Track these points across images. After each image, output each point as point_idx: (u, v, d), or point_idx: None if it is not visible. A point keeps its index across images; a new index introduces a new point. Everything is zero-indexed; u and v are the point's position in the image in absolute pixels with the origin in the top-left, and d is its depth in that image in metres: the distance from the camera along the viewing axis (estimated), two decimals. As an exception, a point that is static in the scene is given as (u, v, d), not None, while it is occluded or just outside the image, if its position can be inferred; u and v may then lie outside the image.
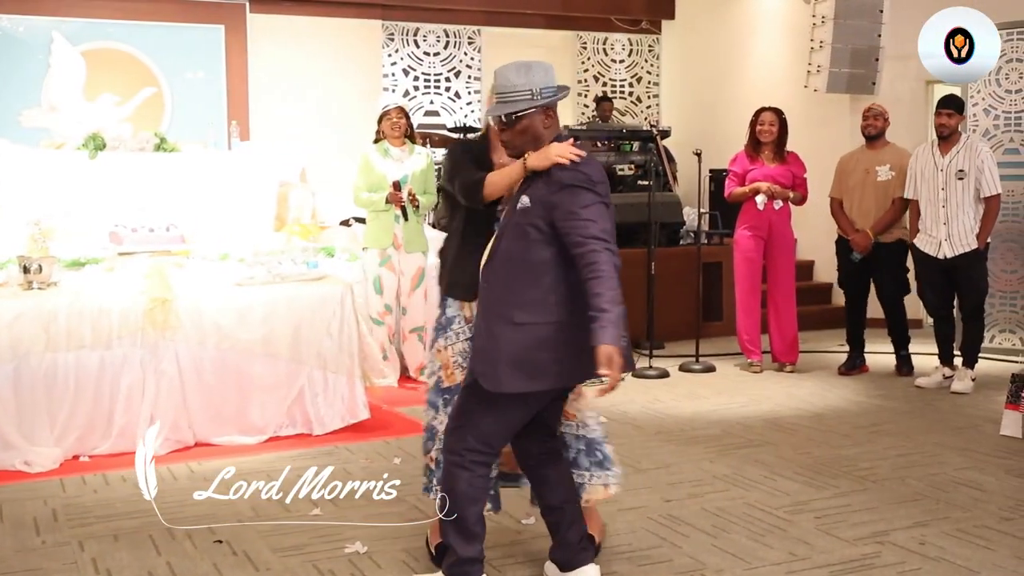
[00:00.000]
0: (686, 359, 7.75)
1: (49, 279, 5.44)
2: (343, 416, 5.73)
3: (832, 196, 7.45)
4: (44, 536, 4.10)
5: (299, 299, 5.68)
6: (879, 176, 7.17)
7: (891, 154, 7.22)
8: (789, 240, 7.56)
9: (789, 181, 7.39)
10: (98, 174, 6.63)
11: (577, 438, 3.73)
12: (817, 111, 9.79)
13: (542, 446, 3.52)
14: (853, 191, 7.28)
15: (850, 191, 7.31)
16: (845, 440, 5.55)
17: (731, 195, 7.56)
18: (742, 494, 4.58)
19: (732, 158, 7.63)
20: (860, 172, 7.26)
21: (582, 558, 3.46)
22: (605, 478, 3.71)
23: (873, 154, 7.26)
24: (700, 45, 12.08)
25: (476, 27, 11.89)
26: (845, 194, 7.34)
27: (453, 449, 3.35)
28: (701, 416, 6.15)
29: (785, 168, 7.40)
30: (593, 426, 3.77)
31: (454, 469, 3.34)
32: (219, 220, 6.76)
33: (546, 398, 3.38)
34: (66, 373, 5.16)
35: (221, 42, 10.56)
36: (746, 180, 7.43)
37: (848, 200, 7.32)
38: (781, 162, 7.42)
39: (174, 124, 9.97)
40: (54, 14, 9.81)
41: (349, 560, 3.81)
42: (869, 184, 7.21)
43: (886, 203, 7.14)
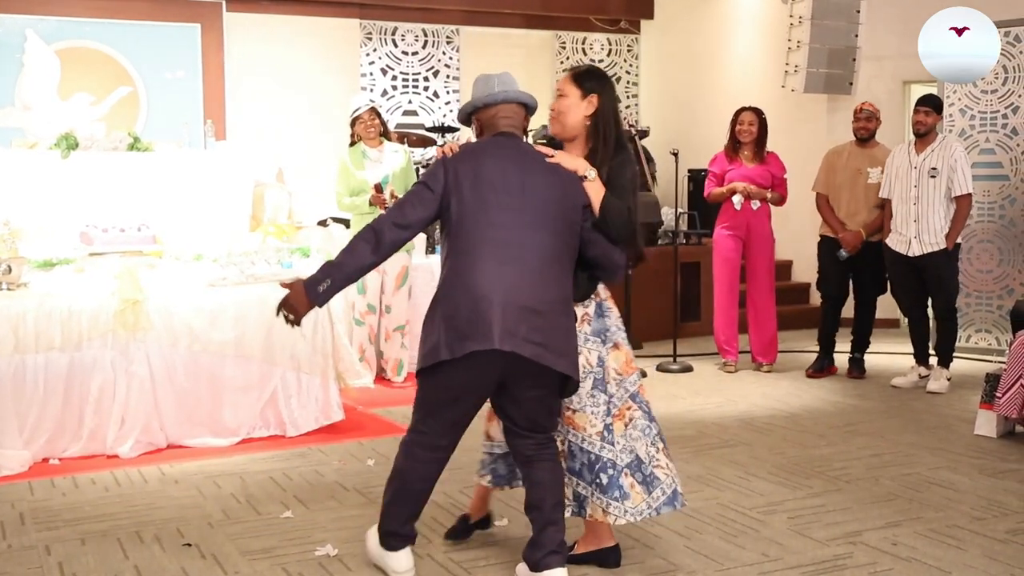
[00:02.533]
0: (664, 359, 7.75)
1: (19, 280, 5.38)
2: (317, 418, 5.70)
3: (818, 192, 7.36)
4: (10, 540, 4.05)
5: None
6: (870, 178, 7.14)
7: (883, 156, 7.13)
8: (768, 240, 7.54)
9: (768, 181, 7.38)
10: (70, 174, 6.56)
11: (582, 451, 3.63)
12: (794, 111, 9.80)
13: (531, 444, 3.51)
14: (841, 190, 7.24)
15: (837, 189, 7.25)
16: (820, 440, 5.55)
17: (710, 195, 7.55)
18: (716, 495, 4.57)
19: (712, 158, 7.62)
20: (850, 171, 7.21)
21: (549, 561, 3.44)
22: (604, 503, 3.59)
23: (864, 154, 7.21)
24: (679, 45, 12.08)
25: (455, 27, 11.85)
26: (832, 192, 7.31)
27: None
28: (677, 416, 6.14)
29: (764, 168, 7.39)
30: (599, 445, 3.61)
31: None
32: (193, 220, 6.70)
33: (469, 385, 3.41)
34: (35, 375, 5.10)
35: (197, 41, 10.48)
36: (724, 180, 7.43)
37: (835, 198, 7.27)
38: (760, 162, 7.41)
39: (149, 124, 9.90)
40: (28, 12, 9.72)
41: (319, 563, 3.78)
42: (860, 185, 7.17)
43: (874, 205, 7.08)
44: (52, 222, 6.28)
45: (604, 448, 3.61)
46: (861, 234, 7.08)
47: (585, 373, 3.61)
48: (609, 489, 3.59)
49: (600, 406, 3.63)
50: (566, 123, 3.73)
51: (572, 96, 3.71)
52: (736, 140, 7.42)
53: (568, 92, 3.72)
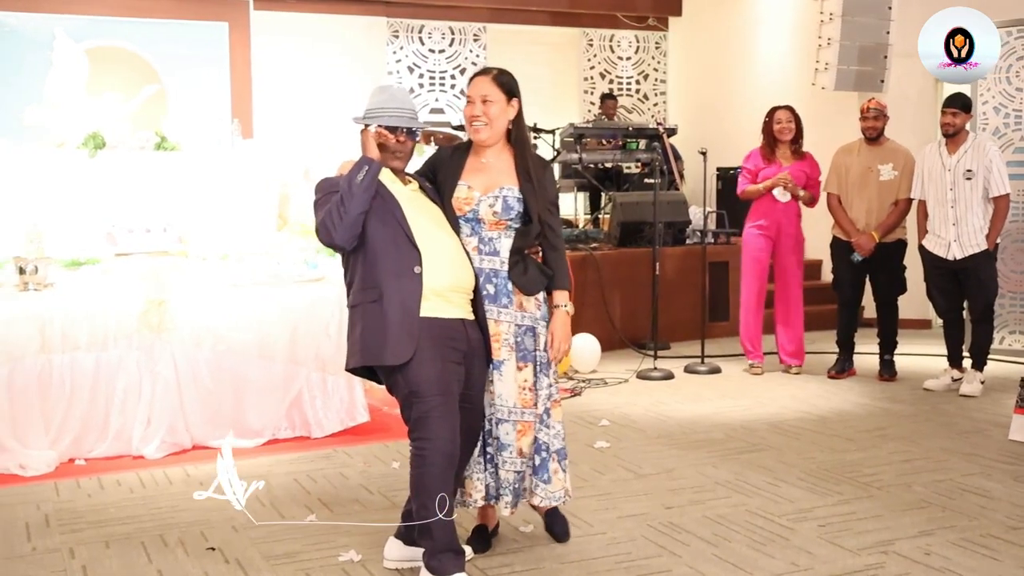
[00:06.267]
0: (691, 360, 7.68)
1: (45, 280, 5.39)
2: (342, 419, 5.68)
3: (830, 192, 7.25)
4: (35, 542, 4.05)
5: (297, 300, 5.62)
6: (881, 175, 7.04)
7: (893, 153, 7.07)
8: (798, 240, 7.44)
9: (802, 181, 7.29)
10: (97, 173, 6.56)
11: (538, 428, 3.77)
12: (824, 109, 9.69)
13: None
14: (852, 189, 7.14)
15: (849, 188, 7.15)
16: (849, 444, 5.47)
17: (744, 192, 7.45)
18: (744, 501, 4.51)
19: (746, 155, 7.52)
20: (861, 170, 7.12)
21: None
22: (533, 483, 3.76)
23: (874, 152, 7.11)
24: (707, 42, 11.99)
25: (481, 24, 11.82)
26: (843, 191, 7.20)
27: None
28: (704, 419, 6.08)
29: (800, 167, 7.29)
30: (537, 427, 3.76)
31: None
32: (220, 220, 6.69)
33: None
34: (61, 375, 5.11)
35: (225, 39, 10.50)
36: (759, 178, 7.33)
37: (847, 198, 7.17)
38: (798, 159, 7.32)
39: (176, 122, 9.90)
40: (57, 11, 9.77)
41: (342, 569, 3.75)
42: (871, 183, 7.07)
43: (888, 203, 7.02)
44: (78, 222, 6.28)
45: (541, 430, 3.73)
46: (873, 237, 6.98)
47: (543, 355, 3.75)
48: (539, 471, 3.72)
49: (543, 389, 3.74)
50: (496, 129, 3.74)
51: (498, 101, 3.71)
52: (773, 139, 7.32)
53: (493, 96, 3.70)
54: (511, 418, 3.72)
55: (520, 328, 3.73)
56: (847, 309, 7.33)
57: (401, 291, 3.47)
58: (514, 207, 3.70)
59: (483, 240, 3.71)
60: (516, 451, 3.74)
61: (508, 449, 3.73)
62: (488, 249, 3.71)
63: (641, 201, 8.65)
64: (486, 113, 3.70)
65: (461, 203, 3.71)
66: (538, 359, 3.75)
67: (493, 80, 3.72)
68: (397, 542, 3.75)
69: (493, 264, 3.71)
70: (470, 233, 3.72)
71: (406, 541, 3.73)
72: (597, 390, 6.95)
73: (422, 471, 3.44)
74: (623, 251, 8.62)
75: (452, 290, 3.57)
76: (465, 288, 3.62)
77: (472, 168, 3.77)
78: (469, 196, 3.71)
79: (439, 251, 3.56)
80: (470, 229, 3.72)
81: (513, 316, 3.72)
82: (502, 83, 3.72)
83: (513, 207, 3.70)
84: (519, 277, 3.70)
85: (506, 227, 3.71)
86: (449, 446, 3.44)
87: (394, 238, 3.51)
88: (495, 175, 3.74)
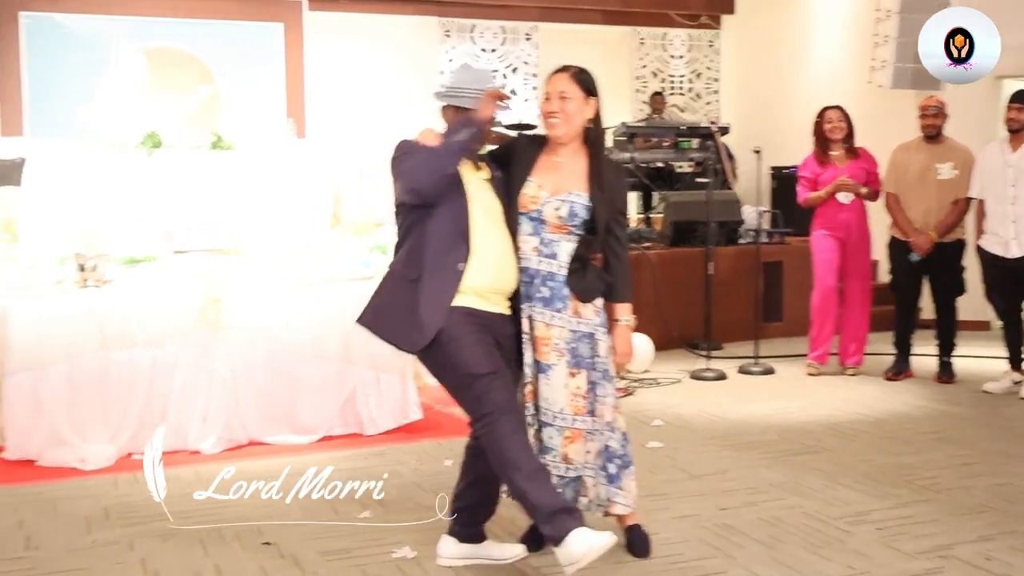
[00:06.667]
0: (744, 361, 7.61)
1: (104, 277, 5.48)
2: (395, 416, 5.71)
3: (888, 191, 7.16)
4: (95, 535, 4.11)
5: (351, 299, 5.64)
6: (940, 174, 6.93)
7: (952, 151, 6.96)
8: (866, 240, 7.35)
9: (862, 178, 7.20)
10: (154, 172, 6.65)
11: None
12: (881, 107, 9.57)
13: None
14: (911, 188, 7.03)
15: (907, 188, 7.05)
16: (907, 447, 5.40)
17: (806, 200, 7.35)
18: (799, 503, 4.46)
19: (801, 163, 7.44)
20: (919, 169, 7.01)
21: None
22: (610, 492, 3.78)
23: (934, 151, 7.00)
24: (760, 40, 11.89)
25: (533, 23, 11.82)
26: (901, 190, 7.09)
27: None
28: (758, 420, 6.03)
29: (857, 165, 7.22)
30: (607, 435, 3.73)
31: None
32: (274, 218, 6.75)
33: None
34: (119, 371, 5.19)
35: (279, 40, 10.61)
36: (818, 183, 7.26)
37: (905, 197, 7.07)
38: (853, 158, 7.24)
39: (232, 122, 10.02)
40: (115, 12, 9.91)
41: (397, 565, 3.76)
42: (930, 182, 6.96)
43: (947, 202, 6.91)
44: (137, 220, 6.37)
45: (611, 439, 3.71)
46: (932, 237, 6.87)
47: (603, 362, 3.70)
48: (614, 480, 3.70)
49: (608, 398, 3.70)
50: (572, 127, 3.65)
51: (576, 98, 3.64)
52: (825, 139, 7.25)
53: (571, 93, 3.63)
54: (556, 423, 3.63)
55: (575, 334, 3.63)
56: (905, 310, 7.24)
57: (439, 282, 3.47)
58: (579, 215, 3.60)
59: (544, 241, 3.62)
60: (561, 457, 3.65)
61: (551, 453, 3.65)
62: (548, 251, 3.62)
63: (694, 200, 8.60)
64: (563, 110, 3.61)
65: (527, 200, 3.62)
66: (597, 366, 3.68)
67: (572, 77, 3.64)
68: (451, 539, 3.75)
69: (551, 267, 3.62)
70: (531, 232, 3.64)
71: (460, 538, 3.73)
72: (649, 390, 6.91)
73: (499, 445, 3.37)
74: (675, 251, 8.58)
75: (491, 291, 3.58)
76: (505, 291, 3.63)
77: (544, 165, 3.67)
78: (536, 195, 3.61)
79: (488, 251, 3.55)
80: (532, 228, 3.63)
81: (567, 321, 3.63)
82: (581, 81, 3.65)
83: (579, 215, 3.60)
84: (577, 283, 3.62)
85: (568, 232, 3.62)
86: (515, 413, 3.44)
87: (450, 228, 3.50)
88: (566, 177, 3.64)
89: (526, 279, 3.65)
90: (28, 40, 9.80)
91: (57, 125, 9.18)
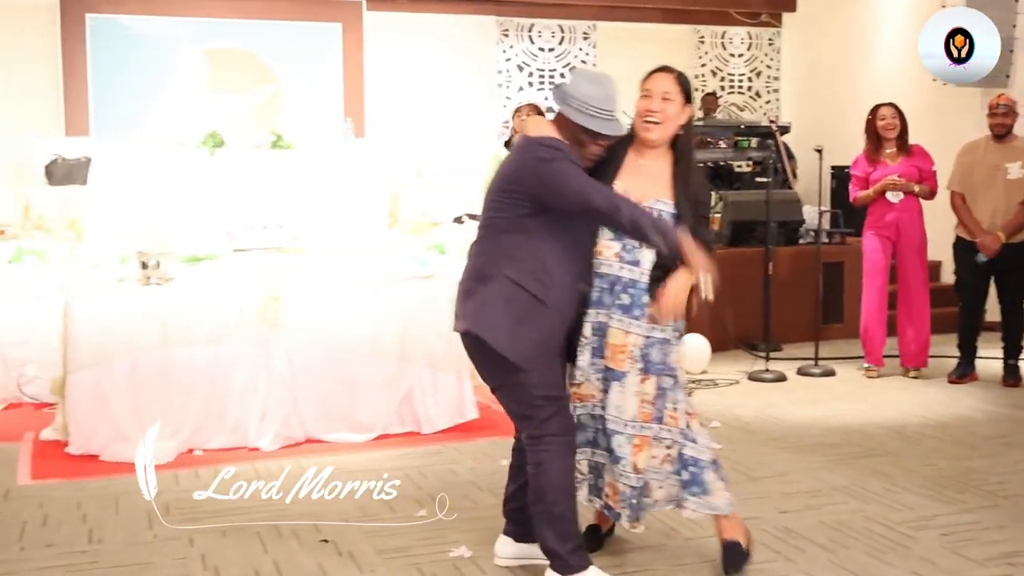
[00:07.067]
0: (804, 362, 7.51)
1: (166, 275, 5.54)
2: (451, 415, 5.71)
3: (954, 190, 7.03)
4: (156, 530, 4.16)
5: (409, 297, 5.67)
6: (1009, 174, 6.78)
7: (1021, 151, 6.80)
8: (919, 240, 7.20)
9: (915, 177, 7.08)
10: (215, 171, 6.73)
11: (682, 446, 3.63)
12: (945, 105, 9.39)
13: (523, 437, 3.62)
14: (978, 188, 6.90)
15: (974, 187, 6.92)
16: (973, 452, 5.28)
17: (856, 199, 7.26)
18: (861, 507, 4.38)
19: (853, 162, 7.34)
20: (988, 168, 6.87)
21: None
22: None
23: (1002, 150, 6.85)
24: (822, 38, 11.73)
25: (591, 22, 11.77)
26: (968, 190, 6.97)
27: None
28: (819, 422, 5.94)
29: (910, 163, 7.09)
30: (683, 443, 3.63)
31: None
32: (333, 217, 6.80)
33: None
34: (180, 368, 5.24)
35: (338, 40, 10.68)
36: (870, 182, 7.15)
37: (972, 197, 6.93)
38: (906, 156, 7.11)
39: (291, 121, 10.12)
40: (177, 14, 10.04)
41: (453, 564, 3.76)
42: (999, 182, 6.81)
43: (1015, 202, 6.75)
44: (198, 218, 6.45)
45: (687, 446, 3.61)
46: (1000, 237, 6.73)
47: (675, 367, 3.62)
48: (689, 485, 3.60)
49: (680, 403, 3.62)
50: (667, 130, 3.54)
51: (677, 101, 3.52)
52: (877, 137, 7.13)
53: (674, 95, 3.52)
54: (626, 431, 3.52)
55: (648, 340, 3.53)
56: (970, 312, 7.09)
57: (562, 303, 3.43)
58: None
59: (626, 248, 3.50)
60: (631, 466, 3.52)
61: (622, 462, 3.53)
62: (630, 258, 3.50)
63: (753, 200, 8.49)
64: (663, 111, 3.50)
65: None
66: (668, 372, 3.57)
67: (676, 79, 3.53)
68: (508, 539, 3.74)
69: (633, 274, 3.50)
70: (613, 237, 3.51)
71: (517, 538, 3.72)
72: (707, 391, 6.85)
73: (556, 467, 3.42)
74: (734, 250, 8.48)
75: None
76: None
77: (630, 168, 3.56)
78: None
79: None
80: (614, 233, 3.49)
81: (643, 328, 3.52)
82: (683, 84, 3.54)
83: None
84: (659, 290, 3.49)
85: None
86: (573, 442, 3.51)
87: (581, 248, 3.47)
88: (651, 183, 3.52)
89: (604, 285, 3.52)
90: (93, 42, 9.97)
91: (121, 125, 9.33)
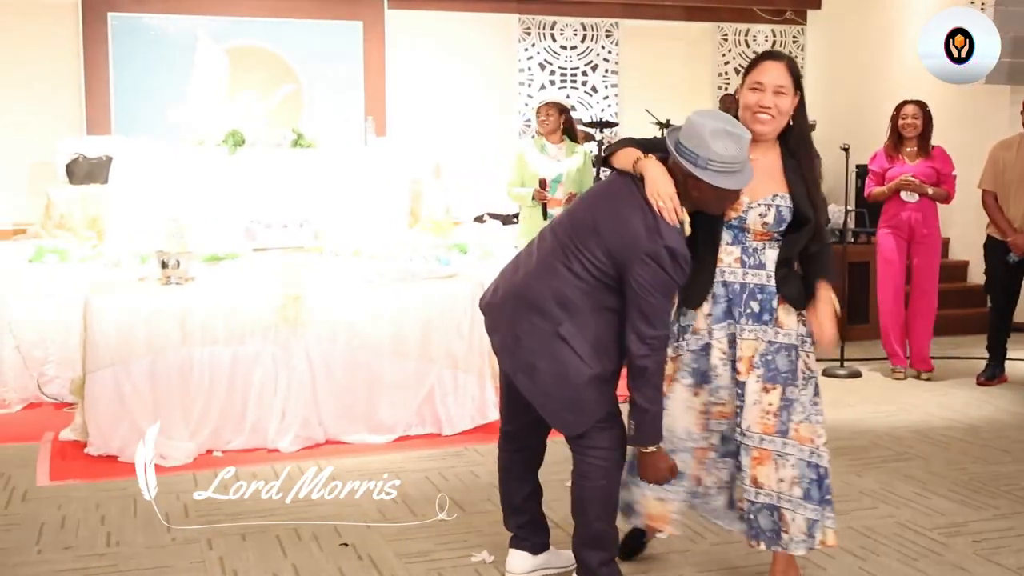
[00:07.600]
0: (830, 363, 7.41)
1: (186, 274, 5.50)
2: (473, 416, 5.64)
3: (985, 189, 6.93)
4: (174, 532, 4.11)
5: (430, 297, 5.60)
6: None
7: None
8: (933, 241, 7.10)
9: (932, 178, 6.96)
10: (236, 170, 6.71)
11: (810, 466, 3.30)
12: (973, 103, 9.26)
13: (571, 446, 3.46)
14: (1010, 187, 6.79)
15: (1007, 186, 6.81)
16: (1004, 456, 5.18)
17: (871, 195, 7.18)
18: (892, 512, 4.30)
19: (871, 157, 7.25)
20: (1021, 167, 6.76)
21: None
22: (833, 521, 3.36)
23: None
24: (848, 35, 11.61)
25: (613, 20, 11.67)
26: (1000, 189, 6.86)
27: None
28: (846, 425, 5.84)
29: (928, 164, 6.97)
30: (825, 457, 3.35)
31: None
32: (353, 216, 6.77)
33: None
34: (201, 368, 5.19)
35: (359, 38, 10.63)
36: (886, 179, 7.05)
37: (1004, 195, 6.83)
38: (926, 157, 6.99)
39: (312, 120, 10.09)
40: (199, 12, 10.02)
41: (475, 569, 3.70)
42: None
43: None
44: (218, 217, 6.42)
45: (822, 457, 3.33)
46: None
47: (806, 377, 3.34)
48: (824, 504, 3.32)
49: (820, 415, 3.36)
50: (779, 124, 3.29)
51: (790, 93, 3.25)
52: (899, 135, 7.02)
53: (787, 88, 3.24)
54: (745, 441, 3.28)
55: (771, 346, 3.27)
56: (1000, 312, 6.99)
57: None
58: (786, 218, 3.24)
59: (747, 251, 3.27)
60: (750, 479, 3.27)
61: (741, 473, 3.32)
62: (753, 262, 3.26)
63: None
64: (777, 105, 3.24)
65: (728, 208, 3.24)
66: (798, 383, 3.30)
67: (788, 68, 3.25)
68: (524, 554, 3.56)
69: (759, 279, 3.27)
70: (732, 242, 3.27)
71: (534, 551, 3.58)
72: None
73: (603, 482, 3.28)
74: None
75: None
76: None
77: None
78: (739, 201, 3.23)
79: None
80: (732, 237, 3.27)
81: (768, 333, 3.27)
82: (794, 73, 3.26)
83: (785, 219, 3.24)
84: (790, 290, 3.27)
85: (772, 238, 3.27)
86: (623, 456, 3.36)
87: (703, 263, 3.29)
88: (764, 178, 3.24)
89: (729, 295, 3.28)
90: (115, 40, 9.97)
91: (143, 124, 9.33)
